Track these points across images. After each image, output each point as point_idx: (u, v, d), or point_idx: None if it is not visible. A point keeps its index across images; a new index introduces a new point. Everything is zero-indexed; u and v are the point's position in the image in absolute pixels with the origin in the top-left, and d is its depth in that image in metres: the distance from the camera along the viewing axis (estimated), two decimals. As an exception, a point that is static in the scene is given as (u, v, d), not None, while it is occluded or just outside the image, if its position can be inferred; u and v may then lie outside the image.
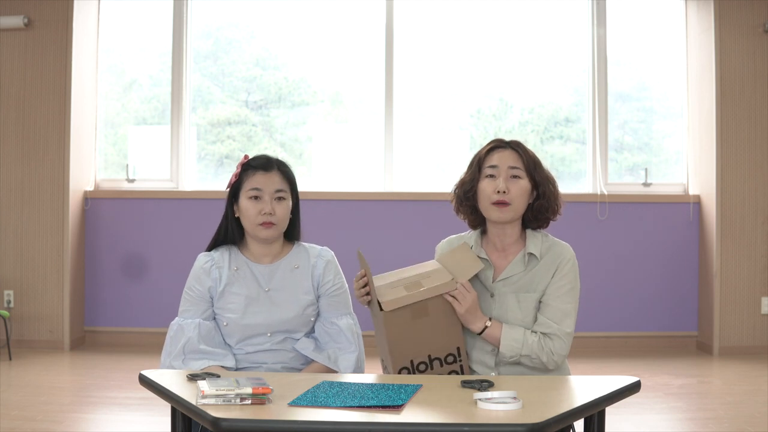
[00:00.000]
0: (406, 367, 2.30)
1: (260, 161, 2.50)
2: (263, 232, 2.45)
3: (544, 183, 2.42)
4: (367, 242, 5.87)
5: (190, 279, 2.52)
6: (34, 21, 5.69)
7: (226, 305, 2.46)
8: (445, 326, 2.31)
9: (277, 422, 1.72)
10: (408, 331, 2.28)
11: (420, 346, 2.30)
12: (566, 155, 6.19)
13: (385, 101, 6.09)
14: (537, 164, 2.43)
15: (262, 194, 2.45)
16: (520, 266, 2.40)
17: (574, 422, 2.00)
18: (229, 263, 2.50)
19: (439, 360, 2.31)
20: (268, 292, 2.47)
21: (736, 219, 5.70)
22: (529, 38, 6.22)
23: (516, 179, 2.39)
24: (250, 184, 2.46)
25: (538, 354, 2.32)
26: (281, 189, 2.47)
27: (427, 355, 2.30)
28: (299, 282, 2.49)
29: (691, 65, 6.02)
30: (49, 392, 4.43)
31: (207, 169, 6.23)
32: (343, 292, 2.55)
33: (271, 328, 2.45)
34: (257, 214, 2.44)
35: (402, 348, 2.29)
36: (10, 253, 5.73)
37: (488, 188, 2.39)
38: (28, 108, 5.72)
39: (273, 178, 2.47)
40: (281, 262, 2.52)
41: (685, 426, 3.94)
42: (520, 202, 2.39)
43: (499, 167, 2.40)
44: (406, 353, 2.29)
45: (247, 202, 2.45)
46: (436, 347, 2.31)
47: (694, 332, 5.95)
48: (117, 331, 5.92)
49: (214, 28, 6.31)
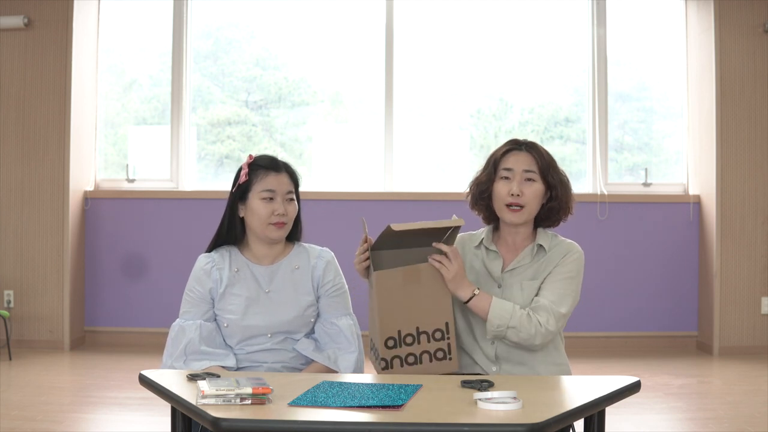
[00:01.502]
0: (392, 337, 2.32)
1: (269, 162, 2.51)
2: (275, 232, 2.47)
3: (558, 185, 2.47)
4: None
5: (190, 280, 2.52)
6: (34, 21, 5.69)
7: (226, 306, 2.47)
8: (435, 297, 2.34)
9: (277, 422, 1.72)
10: (398, 297, 2.31)
11: (409, 316, 2.32)
12: (566, 155, 6.19)
13: (385, 101, 6.09)
14: (552, 166, 2.48)
15: (275, 195, 2.46)
16: (527, 258, 2.46)
17: (574, 422, 2.00)
18: (229, 264, 2.50)
19: (426, 334, 2.33)
20: (269, 293, 2.48)
21: (736, 219, 5.70)
22: (529, 38, 6.22)
23: (530, 182, 2.44)
24: (262, 185, 2.47)
25: (526, 326, 2.34)
26: (291, 190, 2.51)
27: (416, 327, 2.33)
28: (299, 283, 2.50)
29: (691, 65, 6.02)
30: (49, 392, 4.43)
31: (207, 169, 6.23)
32: (343, 292, 2.56)
33: (271, 329, 2.45)
34: (270, 214, 2.45)
35: (391, 315, 2.31)
36: (10, 253, 5.73)
37: (503, 190, 2.44)
38: (28, 108, 5.72)
39: (283, 179, 2.50)
40: (282, 263, 2.52)
41: (685, 426, 3.94)
42: (533, 205, 2.45)
43: (514, 170, 2.45)
44: (395, 322, 2.31)
45: (259, 203, 2.46)
46: (425, 320, 2.33)
47: (694, 332, 5.95)
48: (117, 331, 5.92)
49: (214, 28, 6.31)
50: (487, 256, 2.49)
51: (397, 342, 2.32)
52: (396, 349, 2.32)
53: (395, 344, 2.32)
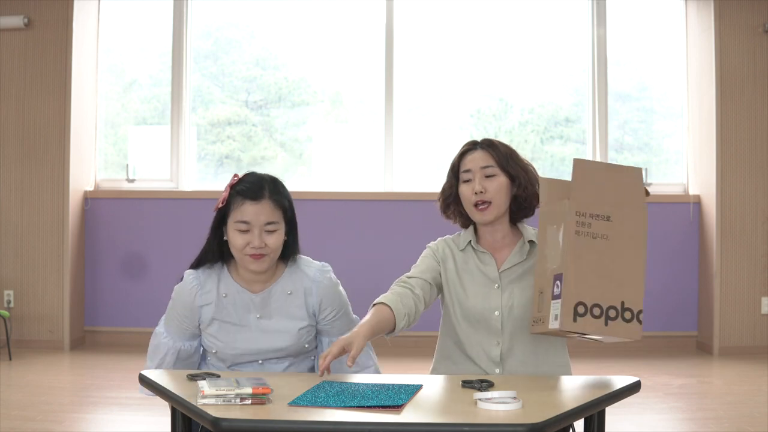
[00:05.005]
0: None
1: (249, 188, 2.29)
2: (252, 264, 2.28)
3: (520, 174, 2.43)
4: (367, 242, 5.87)
5: (174, 299, 2.39)
6: (34, 21, 5.69)
7: (215, 333, 2.35)
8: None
9: (277, 422, 1.72)
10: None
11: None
12: (566, 155, 6.19)
13: (385, 101, 6.09)
14: (510, 157, 2.44)
15: (250, 227, 2.26)
16: (519, 256, 2.43)
17: (574, 422, 2.00)
18: (217, 288, 2.35)
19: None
20: (259, 320, 2.34)
21: (736, 219, 5.70)
22: (529, 38, 6.23)
23: (491, 177, 2.41)
24: (237, 215, 2.27)
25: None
26: (272, 221, 2.28)
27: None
28: (293, 309, 2.36)
29: (691, 65, 6.02)
30: (49, 392, 4.43)
31: (207, 169, 6.23)
32: (344, 314, 2.43)
33: (261, 356, 2.35)
34: (245, 245, 2.26)
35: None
36: (10, 253, 5.73)
37: (467, 192, 2.42)
38: (28, 108, 5.72)
39: (263, 208, 2.27)
40: (273, 288, 2.36)
41: (685, 426, 3.94)
42: (499, 199, 2.40)
43: (472, 170, 2.42)
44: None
45: (235, 234, 2.27)
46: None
47: (694, 332, 5.95)
48: (117, 331, 5.92)
49: (214, 28, 6.31)
50: (479, 259, 2.45)
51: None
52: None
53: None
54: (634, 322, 2.06)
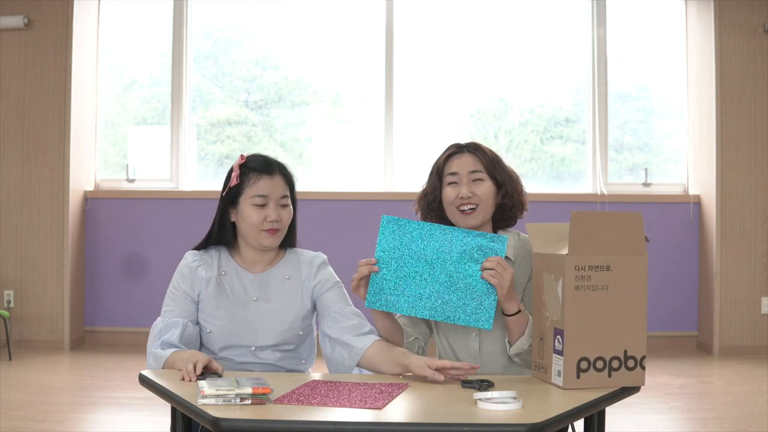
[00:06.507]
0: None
1: (262, 163, 2.35)
2: (268, 239, 2.32)
3: (507, 182, 2.39)
4: (367, 242, 5.86)
5: (176, 277, 2.38)
6: (34, 21, 5.69)
7: (211, 311, 2.34)
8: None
9: (277, 422, 1.72)
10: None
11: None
12: (566, 155, 6.19)
13: (385, 101, 6.09)
14: (497, 163, 2.40)
15: (268, 200, 2.31)
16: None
17: (574, 422, 2.00)
18: (218, 266, 2.37)
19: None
20: (256, 302, 2.35)
21: (736, 219, 5.70)
22: (529, 38, 6.23)
23: (479, 182, 2.37)
24: (254, 189, 2.32)
25: None
26: (285, 194, 2.34)
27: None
28: (290, 293, 2.37)
29: (691, 65, 6.02)
30: (49, 392, 4.43)
31: (207, 169, 6.23)
32: (339, 285, 2.42)
33: (255, 342, 2.32)
34: (262, 221, 2.30)
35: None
36: (10, 253, 5.74)
37: (451, 195, 2.38)
38: (28, 108, 5.72)
39: (278, 182, 2.33)
40: (273, 271, 2.39)
41: (685, 426, 3.94)
42: (486, 204, 2.36)
43: (459, 174, 2.39)
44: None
45: (251, 209, 2.31)
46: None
47: (694, 332, 5.95)
48: (117, 331, 5.92)
49: (214, 28, 6.31)
50: None
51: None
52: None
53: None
54: (638, 369, 2.07)
